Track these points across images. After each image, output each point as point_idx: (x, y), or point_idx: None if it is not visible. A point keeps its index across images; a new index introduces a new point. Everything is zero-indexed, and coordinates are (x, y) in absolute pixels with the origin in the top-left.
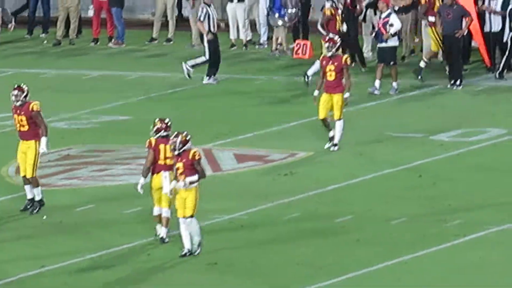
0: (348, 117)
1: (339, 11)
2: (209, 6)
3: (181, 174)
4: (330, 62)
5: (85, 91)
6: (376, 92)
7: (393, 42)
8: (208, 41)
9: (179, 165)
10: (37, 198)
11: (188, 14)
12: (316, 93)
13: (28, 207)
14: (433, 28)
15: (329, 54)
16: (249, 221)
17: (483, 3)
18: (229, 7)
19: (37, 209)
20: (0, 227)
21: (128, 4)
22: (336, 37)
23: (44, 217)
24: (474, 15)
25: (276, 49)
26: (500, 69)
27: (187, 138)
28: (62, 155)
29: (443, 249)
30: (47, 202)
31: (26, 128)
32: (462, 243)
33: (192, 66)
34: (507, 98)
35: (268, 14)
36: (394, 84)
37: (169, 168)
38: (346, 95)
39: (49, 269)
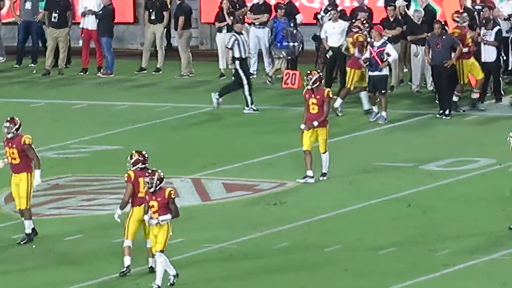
0: (337, 146)
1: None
2: (239, 34)
3: (154, 212)
4: (313, 95)
5: (74, 121)
6: (379, 119)
7: (385, 71)
8: (241, 67)
9: (154, 203)
10: (27, 231)
11: (177, 43)
12: (302, 126)
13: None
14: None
15: (308, 87)
16: (238, 250)
17: (478, 34)
18: (218, 37)
19: (25, 241)
20: None
21: (117, 34)
22: (315, 70)
23: (34, 246)
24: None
25: (271, 77)
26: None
27: (162, 176)
28: (51, 184)
29: (432, 278)
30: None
31: (17, 161)
32: (452, 273)
33: (250, 97)
34: (496, 128)
35: (270, 46)
36: (384, 113)
37: None
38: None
39: None
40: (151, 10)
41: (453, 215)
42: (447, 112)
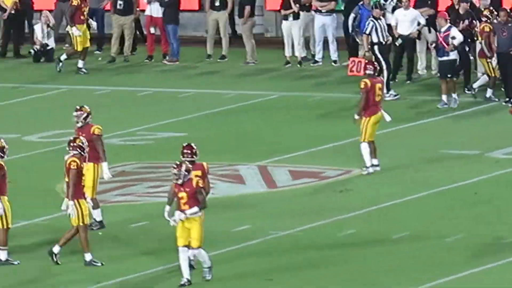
0: (403, 134)
1: None
2: (376, 19)
3: (185, 204)
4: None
5: (140, 108)
6: (445, 106)
7: (454, 55)
8: (380, 52)
9: (183, 194)
10: (98, 219)
11: (241, 31)
12: (356, 117)
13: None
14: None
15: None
16: (305, 237)
17: None
18: (284, 25)
19: (97, 227)
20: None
21: (183, 22)
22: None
23: (100, 233)
24: None
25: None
26: None
27: (190, 167)
28: (117, 171)
29: (499, 265)
30: (103, 217)
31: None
32: None
33: (387, 86)
34: None
35: (353, 31)
36: (454, 95)
37: None
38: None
39: (104, 285)
40: None
41: None
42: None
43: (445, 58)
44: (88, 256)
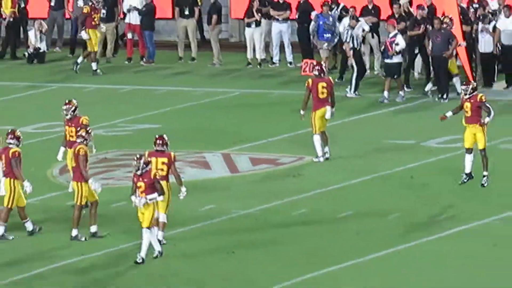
0: (349, 126)
1: None
2: (352, 28)
3: (142, 192)
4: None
5: (121, 103)
6: (385, 101)
7: (398, 59)
8: (354, 57)
9: (141, 184)
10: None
11: (209, 36)
12: (301, 112)
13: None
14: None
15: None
16: (262, 216)
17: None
18: (247, 31)
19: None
20: (47, 220)
21: (157, 28)
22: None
23: (84, 211)
24: (459, 33)
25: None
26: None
27: (149, 160)
28: (99, 158)
29: (432, 240)
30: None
31: (74, 138)
32: (449, 235)
33: (355, 86)
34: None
35: (313, 37)
36: (401, 92)
37: (161, 178)
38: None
39: (88, 256)
40: (184, 7)
41: (451, 185)
42: (444, 96)
43: (389, 61)
44: (74, 232)
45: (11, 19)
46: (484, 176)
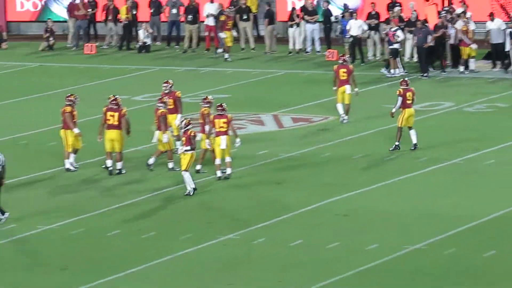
0: (360, 96)
1: None
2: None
3: (183, 144)
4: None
5: (202, 80)
6: (388, 74)
7: (397, 46)
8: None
9: (183, 138)
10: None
11: (264, 33)
12: (334, 88)
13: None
14: None
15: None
16: (300, 157)
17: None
18: (290, 30)
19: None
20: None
21: None
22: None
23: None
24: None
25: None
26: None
27: (190, 122)
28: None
29: (417, 175)
30: None
31: (172, 106)
32: (429, 171)
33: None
34: (456, 84)
35: (340, 33)
36: (394, 70)
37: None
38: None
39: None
40: (243, 14)
41: (427, 137)
42: (425, 74)
43: (391, 47)
44: (171, 164)
45: (126, 22)
46: (415, 143)
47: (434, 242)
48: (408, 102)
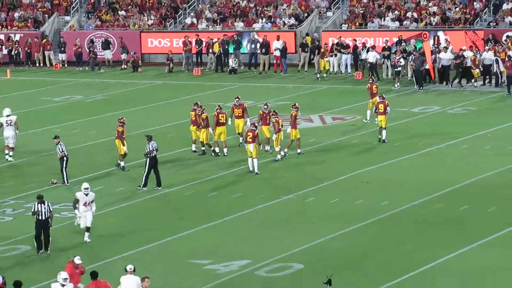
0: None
1: None
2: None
3: (245, 141)
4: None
5: (271, 93)
6: (395, 88)
7: (399, 69)
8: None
9: (250, 133)
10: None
11: (314, 60)
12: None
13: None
14: None
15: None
16: (337, 144)
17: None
18: (330, 59)
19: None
20: None
21: (288, 57)
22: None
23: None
24: (429, 58)
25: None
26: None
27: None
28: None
29: (415, 155)
30: None
31: (240, 114)
32: (423, 152)
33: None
34: (442, 94)
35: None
36: (396, 85)
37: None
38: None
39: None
40: (303, 47)
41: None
42: (421, 88)
43: (396, 69)
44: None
45: (218, 54)
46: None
47: (427, 200)
48: (381, 111)
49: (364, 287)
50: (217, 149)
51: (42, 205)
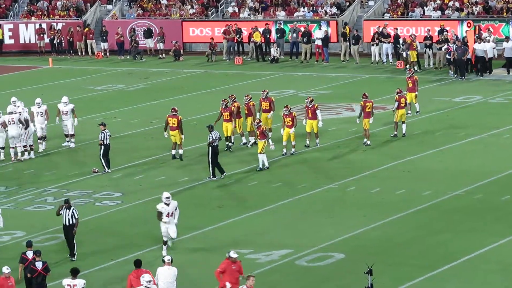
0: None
1: None
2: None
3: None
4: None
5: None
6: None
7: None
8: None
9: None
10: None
11: (354, 50)
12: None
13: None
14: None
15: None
16: (377, 133)
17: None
18: (372, 48)
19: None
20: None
21: (330, 46)
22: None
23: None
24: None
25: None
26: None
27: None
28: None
29: (457, 145)
30: None
31: (268, 108)
32: (464, 142)
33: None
34: (483, 84)
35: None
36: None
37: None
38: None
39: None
40: (344, 36)
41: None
42: (463, 78)
43: (448, 57)
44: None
45: (258, 43)
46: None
47: (468, 190)
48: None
49: (405, 277)
50: (251, 139)
51: (67, 210)
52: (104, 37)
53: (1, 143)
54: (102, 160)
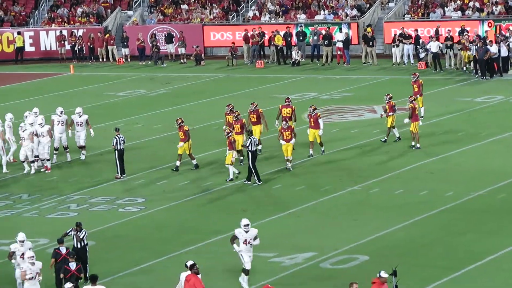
0: (439, 92)
1: None
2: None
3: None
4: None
5: (332, 84)
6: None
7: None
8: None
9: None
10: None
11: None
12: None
13: None
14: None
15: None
16: (400, 134)
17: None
18: (393, 49)
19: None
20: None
21: (350, 49)
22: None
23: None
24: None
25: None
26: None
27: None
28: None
29: (479, 145)
30: None
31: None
32: (487, 142)
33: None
34: (505, 84)
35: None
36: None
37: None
38: None
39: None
40: (366, 39)
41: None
42: (484, 77)
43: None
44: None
45: (279, 46)
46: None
47: (491, 190)
48: (417, 113)
49: (430, 278)
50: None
51: (79, 233)
52: (125, 43)
53: (30, 156)
54: (117, 164)
